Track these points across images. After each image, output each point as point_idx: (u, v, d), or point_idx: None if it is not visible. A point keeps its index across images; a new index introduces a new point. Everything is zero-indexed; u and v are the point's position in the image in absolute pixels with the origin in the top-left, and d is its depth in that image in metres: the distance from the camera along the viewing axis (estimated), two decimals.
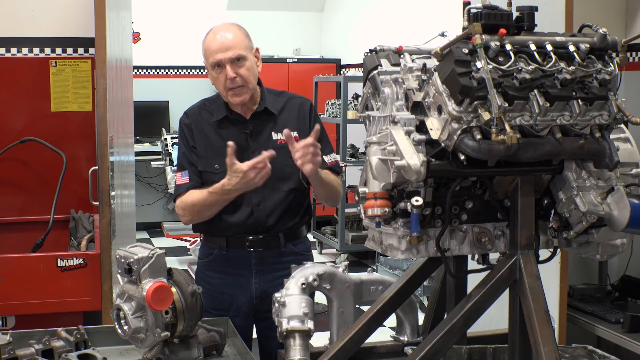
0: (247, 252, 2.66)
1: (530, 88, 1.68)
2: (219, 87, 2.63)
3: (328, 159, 2.75)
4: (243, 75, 2.59)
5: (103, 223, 3.20)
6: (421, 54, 1.87)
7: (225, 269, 2.70)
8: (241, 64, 2.59)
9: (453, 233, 1.86)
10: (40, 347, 2.07)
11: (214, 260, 2.72)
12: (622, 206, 1.75)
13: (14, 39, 3.87)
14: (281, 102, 2.73)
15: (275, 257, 2.68)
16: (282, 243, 2.68)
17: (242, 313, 2.68)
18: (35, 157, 3.90)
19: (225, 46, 2.58)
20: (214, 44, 2.59)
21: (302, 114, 2.73)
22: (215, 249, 2.70)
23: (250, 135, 2.66)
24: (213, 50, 2.59)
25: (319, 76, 7.80)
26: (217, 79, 2.61)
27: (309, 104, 2.77)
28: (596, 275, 4.08)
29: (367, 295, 2.17)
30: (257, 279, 2.68)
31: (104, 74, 3.17)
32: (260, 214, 2.64)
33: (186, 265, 6.83)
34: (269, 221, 2.65)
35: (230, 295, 2.69)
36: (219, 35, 2.61)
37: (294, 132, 2.65)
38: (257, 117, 2.68)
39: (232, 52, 2.57)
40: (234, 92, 2.59)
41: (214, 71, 2.61)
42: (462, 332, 1.88)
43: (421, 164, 1.67)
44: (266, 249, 2.67)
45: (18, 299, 3.12)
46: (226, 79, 2.57)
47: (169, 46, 8.68)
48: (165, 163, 6.82)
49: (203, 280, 2.73)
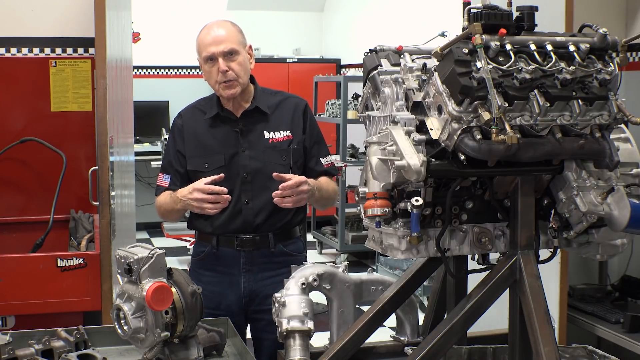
0: (237, 251, 2.67)
1: (531, 88, 1.68)
2: (211, 81, 2.66)
3: (324, 161, 2.76)
4: (235, 69, 2.61)
5: (103, 223, 3.20)
6: (421, 54, 1.87)
7: (215, 267, 2.71)
8: (233, 58, 2.61)
9: (453, 233, 1.86)
10: (40, 347, 2.07)
11: (204, 259, 2.74)
12: (622, 206, 1.75)
13: (14, 39, 3.87)
14: (275, 101, 2.74)
15: (265, 257, 2.68)
16: (272, 243, 2.68)
17: (231, 312, 2.67)
18: (35, 157, 3.89)
19: (218, 40, 2.61)
20: (208, 38, 2.63)
21: (297, 114, 2.74)
22: (207, 247, 2.72)
23: (240, 133, 2.67)
24: (206, 44, 2.62)
25: (319, 76, 7.80)
26: (209, 72, 2.64)
27: (304, 105, 2.78)
28: (596, 275, 4.07)
29: (367, 295, 2.17)
30: (245, 278, 2.69)
31: (104, 74, 3.17)
32: (249, 213, 2.65)
33: (186, 265, 6.81)
34: (257, 220, 2.65)
35: (219, 293, 2.70)
36: (212, 30, 2.65)
37: (287, 132, 2.68)
38: (248, 115, 2.69)
39: (224, 46, 2.60)
40: (225, 84, 2.61)
41: (206, 65, 2.64)
42: (462, 332, 1.88)
43: (421, 164, 1.67)
44: (255, 248, 2.67)
45: (18, 299, 3.12)
46: (218, 72, 2.60)
47: (169, 46, 8.68)
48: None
49: (194, 278, 2.72)
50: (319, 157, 2.75)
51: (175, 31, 8.61)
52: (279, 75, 8.41)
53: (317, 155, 2.75)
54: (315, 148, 2.75)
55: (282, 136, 2.69)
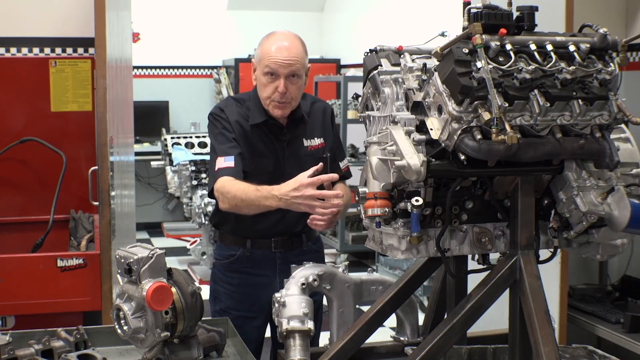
0: (272, 252, 2.66)
1: (531, 88, 1.68)
2: (263, 94, 2.56)
3: (342, 164, 2.76)
4: (292, 92, 2.54)
5: (103, 223, 3.20)
6: (421, 54, 1.87)
7: (247, 269, 2.68)
8: (295, 80, 2.53)
9: (453, 233, 1.86)
10: (40, 347, 2.06)
11: (235, 262, 2.69)
12: (622, 206, 1.75)
13: (14, 39, 3.87)
14: (307, 106, 2.70)
15: (297, 256, 2.65)
16: (305, 243, 2.69)
17: (264, 313, 2.66)
18: (35, 157, 3.89)
19: (289, 59, 2.50)
20: (278, 52, 2.51)
21: (326, 119, 2.73)
22: (239, 250, 2.67)
23: (287, 143, 2.63)
24: (272, 57, 2.51)
25: (319, 76, 7.79)
26: (265, 85, 2.54)
27: (330, 110, 2.76)
28: (596, 275, 4.07)
29: (367, 295, 2.18)
30: (280, 278, 2.65)
31: (103, 74, 3.16)
32: (290, 220, 2.63)
33: (186, 265, 6.82)
34: (297, 227, 2.65)
35: (251, 295, 2.67)
36: (284, 44, 2.53)
37: (320, 139, 2.67)
38: (293, 124, 2.65)
39: (292, 68, 2.51)
40: (278, 104, 2.55)
41: (264, 77, 2.53)
42: (462, 332, 1.88)
43: (421, 164, 1.67)
44: (290, 249, 2.67)
45: (18, 299, 3.12)
46: (275, 90, 2.52)
47: (169, 46, 8.67)
48: (165, 163, 6.80)
49: (222, 281, 2.72)
50: (338, 162, 2.75)
51: (175, 31, 8.61)
52: None
53: (337, 159, 2.75)
54: (337, 153, 2.76)
55: (317, 143, 2.67)
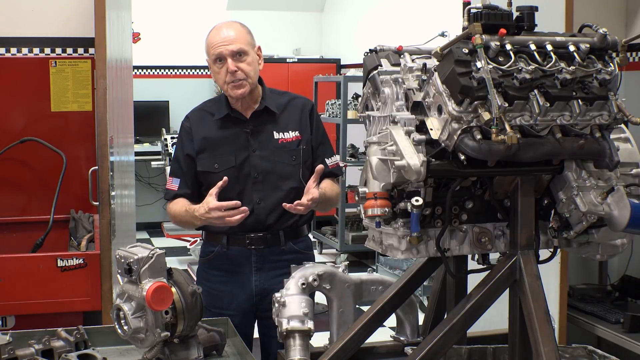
0: (248, 250, 2.68)
1: (531, 88, 1.68)
2: (219, 81, 2.66)
3: (329, 161, 2.76)
4: (244, 69, 2.61)
5: (103, 223, 3.20)
6: (421, 54, 1.87)
7: (225, 266, 2.71)
8: (242, 58, 2.62)
9: (453, 233, 1.86)
10: (40, 347, 2.07)
11: (214, 258, 2.73)
12: (622, 206, 1.75)
13: (14, 39, 3.87)
14: (283, 102, 2.75)
15: (276, 255, 2.69)
16: (283, 241, 2.69)
17: (242, 311, 2.68)
18: (35, 157, 3.89)
19: (228, 40, 2.61)
20: (217, 38, 2.63)
21: (304, 114, 2.75)
22: (217, 246, 2.72)
23: (250, 134, 2.68)
24: (215, 44, 2.62)
25: (319, 76, 7.80)
26: (218, 73, 2.64)
27: (311, 105, 2.79)
28: (596, 275, 4.07)
29: (367, 295, 2.17)
30: (257, 276, 2.69)
31: (104, 74, 3.17)
32: (261, 212, 2.66)
33: (186, 265, 6.82)
34: (269, 220, 2.66)
35: (230, 293, 2.70)
36: (221, 30, 2.65)
37: (295, 132, 2.68)
38: (257, 115, 2.70)
39: (234, 46, 2.60)
40: (234, 84, 2.61)
41: (215, 65, 2.64)
42: (462, 332, 1.88)
43: (421, 164, 1.67)
44: (266, 247, 2.68)
45: (18, 299, 3.12)
46: (227, 72, 2.60)
47: (169, 46, 8.67)
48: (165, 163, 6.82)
49: (203, 279, 2.74)
50: (324, 158, 2.75)
51: (175, 31, 8.61)
52: (279, 75, 8.40)
53: (322, 155, 2.76)
54: (321, 148, 2.76)
55: (291, 136, 2.70)
